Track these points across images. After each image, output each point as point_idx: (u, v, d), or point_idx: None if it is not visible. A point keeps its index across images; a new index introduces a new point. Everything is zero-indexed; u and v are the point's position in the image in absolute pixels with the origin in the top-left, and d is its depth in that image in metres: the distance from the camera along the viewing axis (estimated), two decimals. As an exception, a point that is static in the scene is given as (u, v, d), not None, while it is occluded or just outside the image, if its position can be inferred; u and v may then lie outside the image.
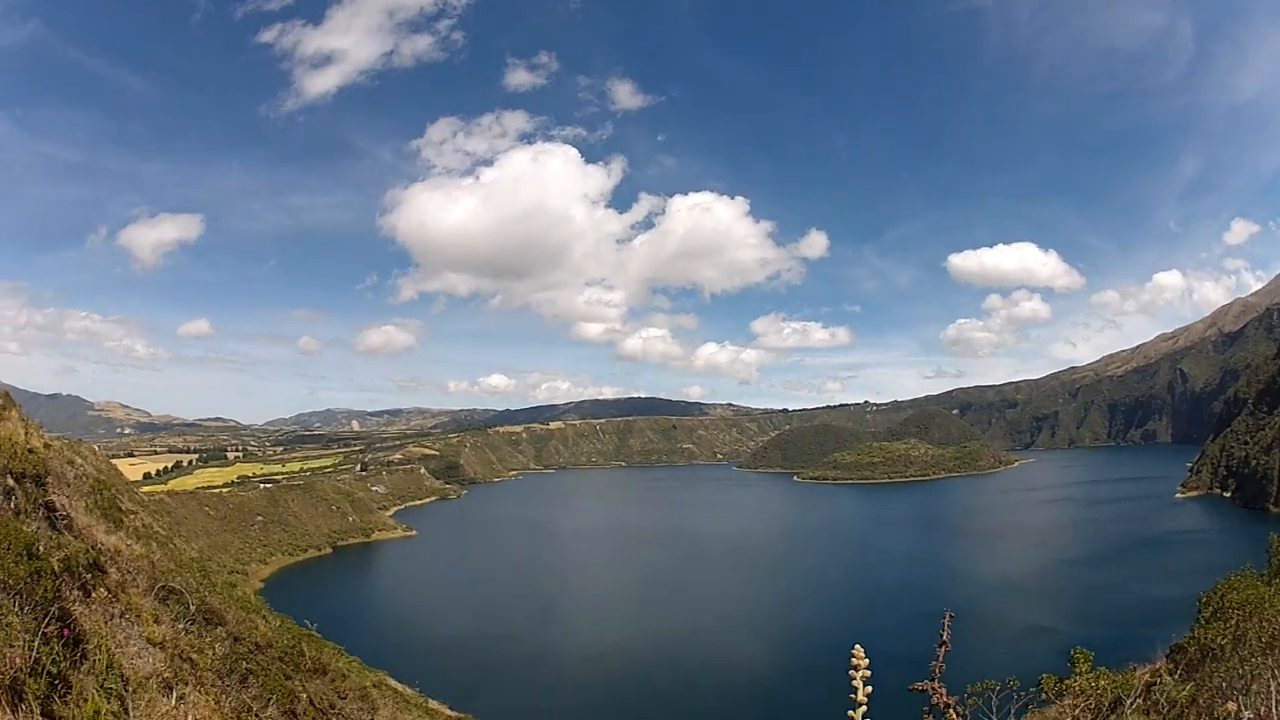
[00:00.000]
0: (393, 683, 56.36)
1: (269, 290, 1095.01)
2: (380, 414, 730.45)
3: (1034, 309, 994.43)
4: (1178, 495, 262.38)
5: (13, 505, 10.64)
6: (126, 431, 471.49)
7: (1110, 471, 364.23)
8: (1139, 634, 41.10)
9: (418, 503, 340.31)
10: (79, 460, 34.40)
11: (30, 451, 12.78)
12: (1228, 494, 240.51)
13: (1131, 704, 9.56)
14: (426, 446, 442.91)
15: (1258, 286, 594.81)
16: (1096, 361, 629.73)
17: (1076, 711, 10.38)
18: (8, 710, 5.33)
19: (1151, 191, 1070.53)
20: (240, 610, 26.96)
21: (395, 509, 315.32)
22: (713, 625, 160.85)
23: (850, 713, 7.14)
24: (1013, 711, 11.59)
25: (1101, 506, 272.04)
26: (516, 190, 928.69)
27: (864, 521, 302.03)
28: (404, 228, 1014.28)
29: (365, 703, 32.38)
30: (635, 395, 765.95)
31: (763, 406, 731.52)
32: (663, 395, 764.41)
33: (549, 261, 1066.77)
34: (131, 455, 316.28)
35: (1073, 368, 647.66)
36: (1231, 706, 7.65)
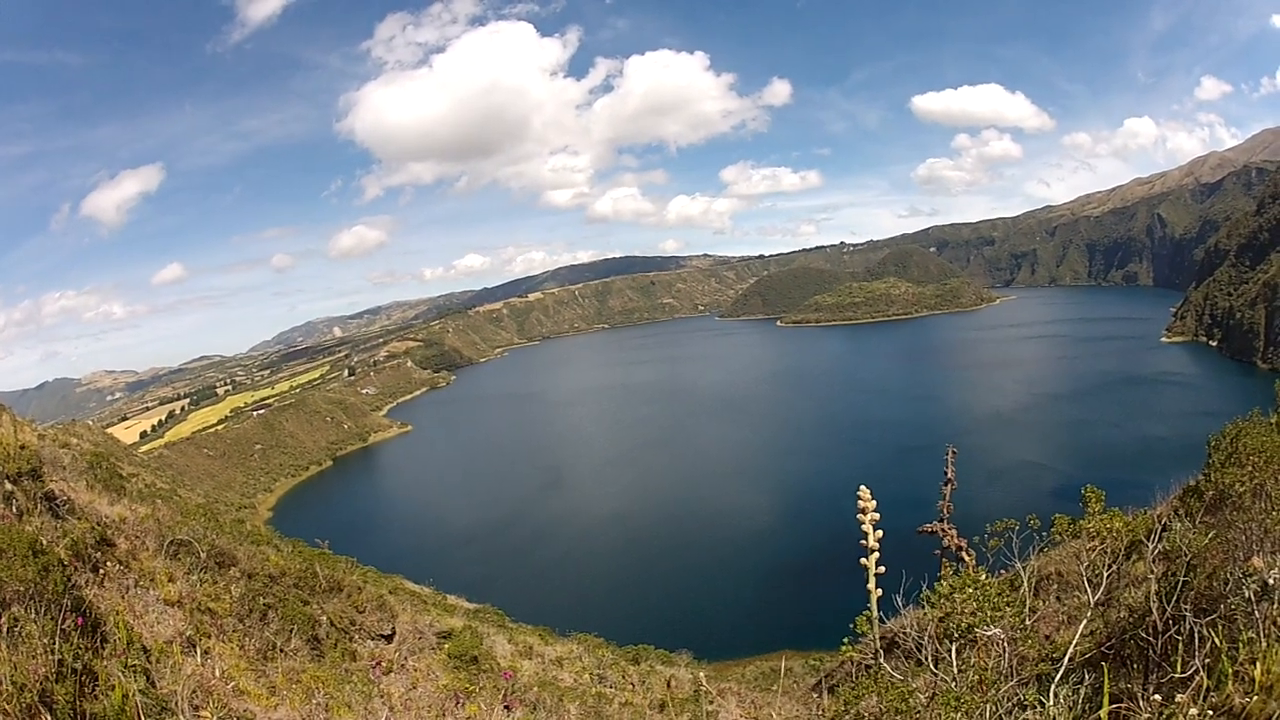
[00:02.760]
0: (409, 585, 57.28)
1: (236, 218, 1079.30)
2: (360, 315, 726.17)
3: (1005, 148, 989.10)
4: (1163, 339, 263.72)
5: (14, 508, 10.76)
6: (116, 396, 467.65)
7: (1093, 310, 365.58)
8: (1137, 476, 41.92)
9: (409, 397, 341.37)
10: (74, 441, 34.57)
11: (23, 448, 12.81)
12: (1213, 343, 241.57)
13: (1153, 550, 9.73)
14: (410, 339, 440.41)
15: (1233, 142, 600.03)
16: (1073, 201, 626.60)
17: (1093, 555, 10.47)
18: None
19: (1122, 40, 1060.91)
20: (250, 545, 27.40)
21: (388, 407, 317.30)
22: (712, 478, 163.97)
23: (863, 560, 7.37)
24: (1031, 551, 11.77)
25: (1088, 344, 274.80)
26: (472, 72, 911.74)
27: (851, 362, 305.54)
28: (361, 128, 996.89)
29: (385, 611, 33.17)
30: (611, 256, 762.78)
31: (739, 254, 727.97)
32: (638, 253, 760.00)
33: (511, 136, 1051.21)
34: (125, 419, 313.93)
35: (1049, 206, 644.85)
36: (1258, 562, 7.68)
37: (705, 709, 25.63)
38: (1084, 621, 9.25)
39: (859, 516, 7.47)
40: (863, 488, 7.41)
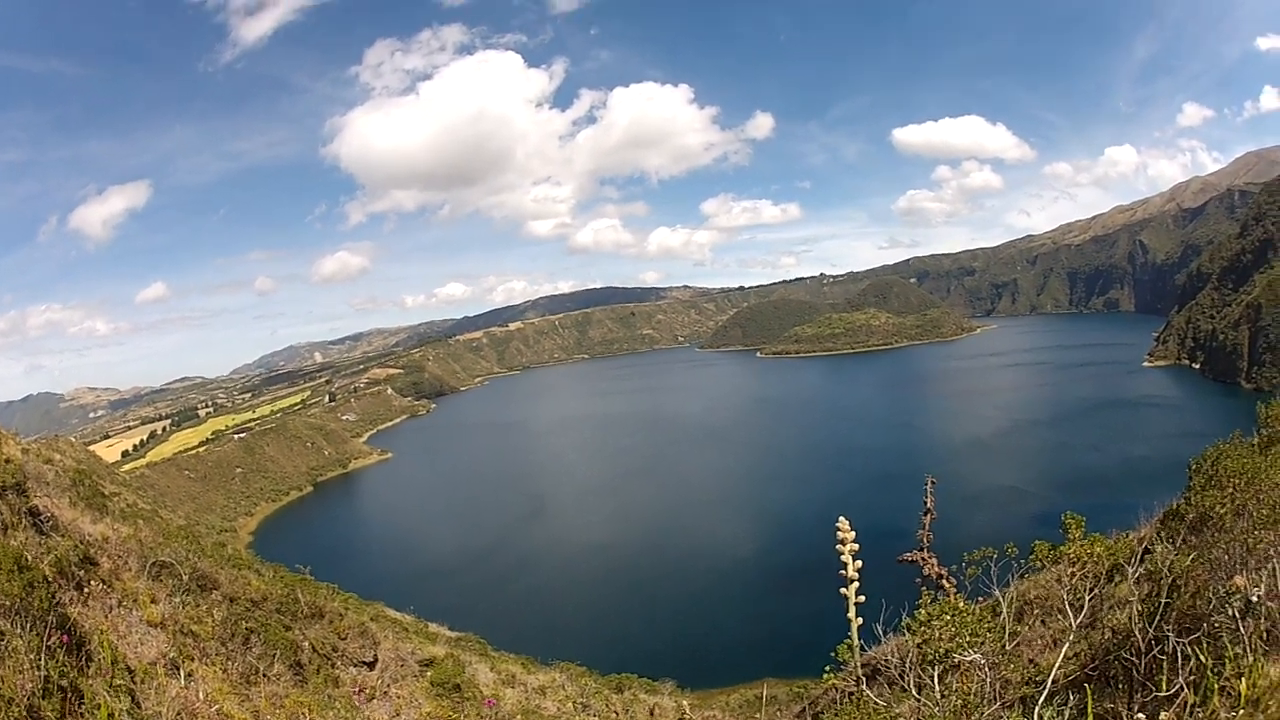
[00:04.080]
0: (390, 612, 56.95)
1: (221, 239, 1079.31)
2: (342, 341, 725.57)
3: (985, 179, 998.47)
4: (1145, 363, 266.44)
5: (1, 524, 10.63)
6: (99, 413, 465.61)
7: (1075, 338, 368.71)
8: (1120, 499, 41.96)
9: (389, 424, 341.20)
10: (57, 456, 34.18)
11: (8, 462, 12.66)
12: (1196, 365, 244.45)
13: (1134, 573, 9.74)
14: (391, 366, 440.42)
15: (1215, 167, 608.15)
16: (1054, 230, 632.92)
17: (1074, 580, 10.46)
18: None
19: (1104, 70, 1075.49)
20: (232, 569, 27.18)
21: (368, 434, 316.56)
22: (694, 507, 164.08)
23: (843, 590, 7.33)
24: (1011, 579, 11.75)
25: (1069, 371, 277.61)
26: (458, 101, 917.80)
27: (832, 392, 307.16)
28: (347, 154, 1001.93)
29: (366, 638, 32.76)
30: (591, 286, 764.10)
31: (720, 286, 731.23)
32: (618, 284, 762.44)
33: (494, 166, 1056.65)
34: (107, 437, 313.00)
35: (1030, 236, 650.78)
36: (1240, 581, 7.75)
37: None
38: (1066, 644, 9.29)
39: (838, 547, 7.49)
40: (842, 519, 7.43)
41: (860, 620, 7.51)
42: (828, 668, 10.24)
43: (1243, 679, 5.40)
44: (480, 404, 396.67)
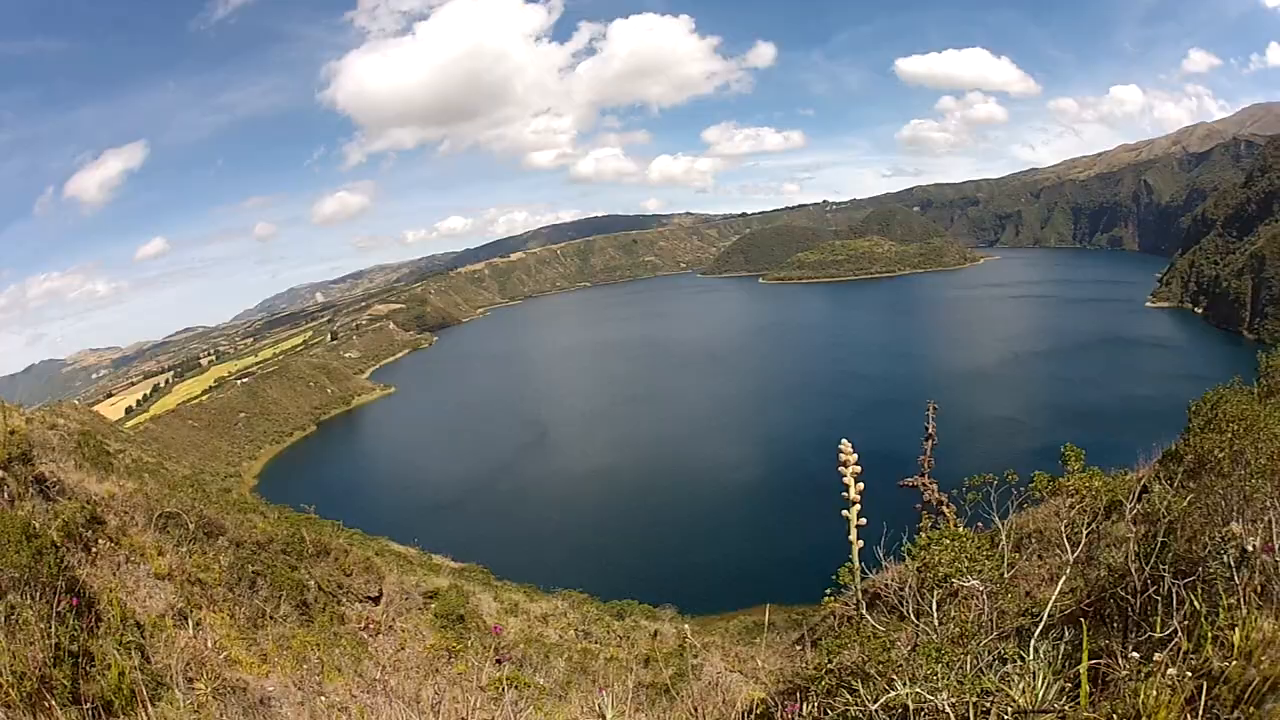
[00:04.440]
0: (395, 546, 57.53)
1: (218, 190, 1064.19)
2: (343, 279, 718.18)
3: (989, 111, 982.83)
4: (1148, 304, 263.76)
5: (6, 494, 10.90)
6: (102, 374, 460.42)
7: (1078, 273, 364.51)
8: (1121, 438, 42.09)
9: (392, 359, 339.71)
10: (61, 421, 34.34)
11: (12, 433, 12.90)
12: (1199, 310, 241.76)
13: (1131, 509, 9.81)
14: (392, 302, 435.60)
15: (1222, 115, 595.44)
16: (1058, 165, 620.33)
17: (1072, 513, 10.53)
18: (40, 707, 5.70)
19: (1110, 8, 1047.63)
20: (238, 514, 27.54)
21: (371, 370, 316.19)
22: (695, 433, 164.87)
23: (844, 512, 7.56)
24: (1010, 508, 11.87)
25: (1072, 306, 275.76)
26: (455, 38, 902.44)
27: (834, 319, 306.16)
28: (343, 97, 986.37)
29: (371, 573, 33.49)
30: (594, 215, 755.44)
31: (722, 213, 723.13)
32: (621, 212, 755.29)
33: (494, 100, 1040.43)
34: (110, 395, 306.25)
35: (1034, 169, 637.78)
36: (1236, 528, 7.64)
37: (690, 662, 26.08)
38: (1063, 579, 9.34)
39: (840, 469, 7.63)
40: (844, 441, 7.57)
41: (861, 543, 7.77)
42: (828, 590, 10.48)
43: (1236, 630, 5.59)
44: (482, 335, 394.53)
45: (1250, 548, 7.19)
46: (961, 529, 9.82)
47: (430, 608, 33.42)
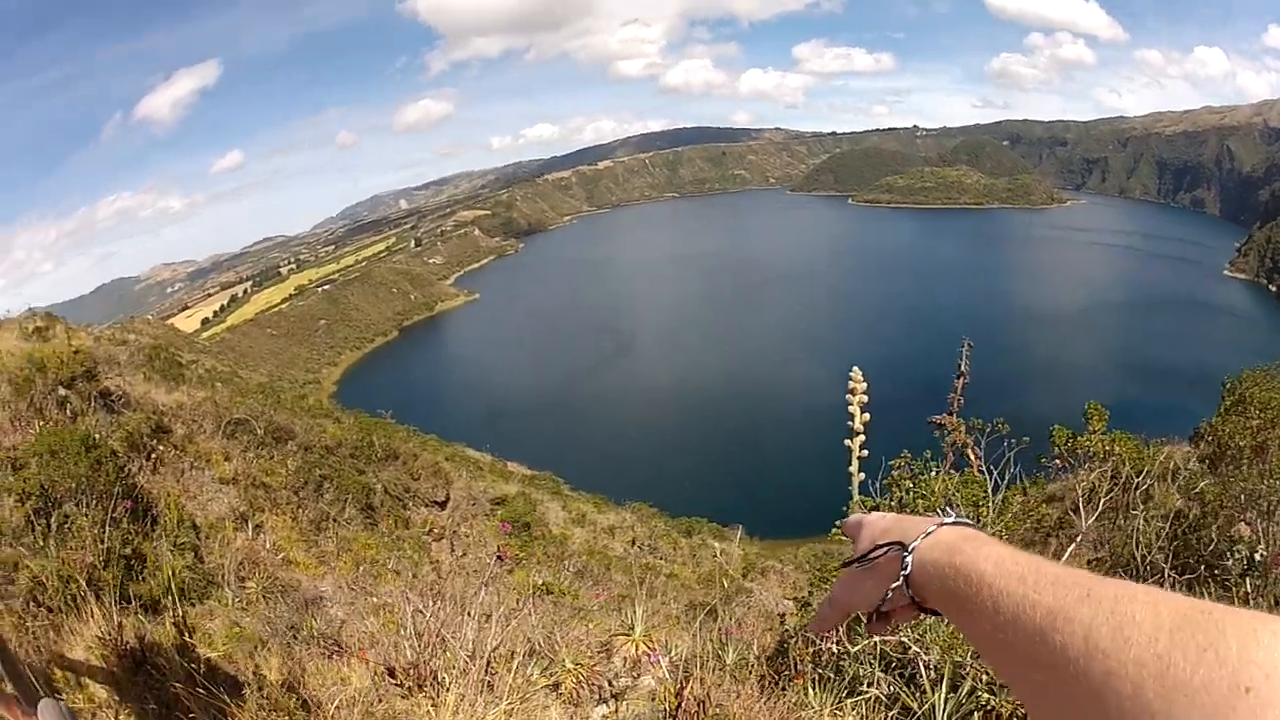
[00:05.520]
0: (469, 452, 57.63)
1: (297, 102, 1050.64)
2: (427, 186, 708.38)
3: (1078, 53, 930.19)
4: (1225, 271, 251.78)
5: (68, 411, 11.43)
6: (177, 288, 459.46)
7: (1160, 229, 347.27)
8: (1187, 403, 40.18)
9: (476, 265, 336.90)
10: (132, 337, 35.23)
11: (77, 352, 13.35)
12: (1274, 289, 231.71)
13: (1143, 485, 9.46)
14: (478, 208, 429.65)
15: None
16: (1145, 116, 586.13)
17: (1093, 476, 10.15)
18: (90, 607, 6.20)
19: None
20: (308, 419, 28.37)
21: (455, 276, 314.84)
22: (776, 353, 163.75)
23: (846, 441, 7.71)
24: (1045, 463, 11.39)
25: (1152, 260, 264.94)
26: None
27: (919, 247, 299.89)
28: (425, 7, 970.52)
29: (439, 479, 34.05)
30: (683, 126, 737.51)
31: (812, 130, 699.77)
32: (709, 124, 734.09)
33: (579, 9, 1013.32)
34: (185, 308, 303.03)
35: (1122, 117, 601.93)
36: (1245, 530, 7.56)
37: (743, 585, 26.47)
38: (1071, 548, 9.02)
39: (848, 397, 7.54)
40: (855, 369, 7.49)
41: (863, 476, 7.81)
42: (836, 524, 10.51)
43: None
44: (568, 242, 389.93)
45: (1259, 555, 7.08)
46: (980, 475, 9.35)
47: (496, 514, 33.98)
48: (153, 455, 12.13)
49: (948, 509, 1.51)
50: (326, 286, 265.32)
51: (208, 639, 6.99)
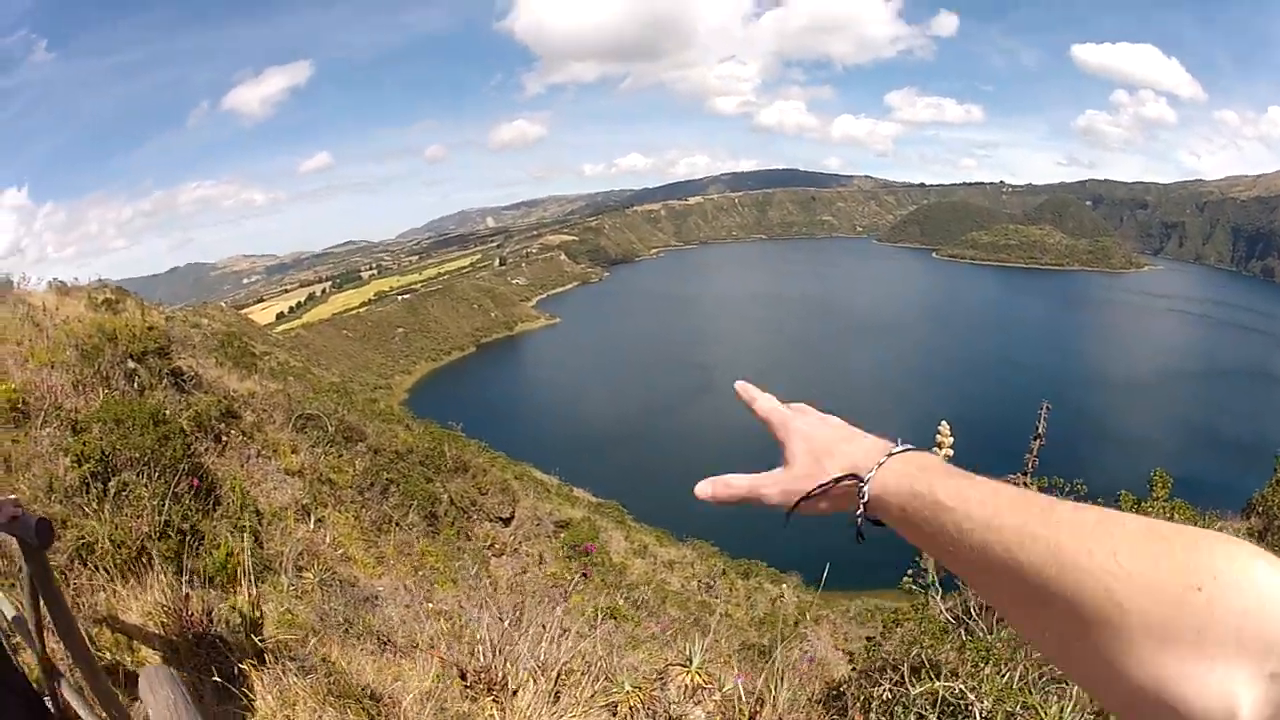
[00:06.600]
0: (536, 473, 57.69)
1: (388, 110, 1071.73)
2: (516, 206, 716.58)
3: (1160, 111, 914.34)
4: None
5: (136, 385, 11.48)
6: (254, 280, 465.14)
7: (1233, 297, 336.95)
8: (1235, 472, 38.81)
9: (559, 290, 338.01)
10: (204, 321, 36.05)
11: (150, 328, 13.48)
12: None
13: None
14: (565, 233, 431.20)
15: None
16: (1221, 180, 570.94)
17: None
18: (151, 575, 6.13)
19: (1271, 26, 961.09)
20: (380, 423, 28.55)
21: (537, 298, 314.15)
22: (852, 401, 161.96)
23: None
24: None
25: (1226, 330, 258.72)
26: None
27: (1002, 305, 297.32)
28: (521, 27, 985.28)
29: (506, 495, 34.05)
30: (774, 167, 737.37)
31: (901, 179, 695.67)
32: (800, 167, 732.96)
33: (677, 41, 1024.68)
34: (261, 300, 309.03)
35: (1200, 180, 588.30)
36: None
37: (795, 632, 25.97)
38: None
39: (934, 449, 7.29)
40: (943, 423, 7.36)
41: None
42: (908, 574, 10.30)
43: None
44: (655, 274, 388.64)
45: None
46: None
47: (559, 537, 33.91)
48: (221, 438, 12.16)
49: (896, 438, 1.55)
50: (407, 295, 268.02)
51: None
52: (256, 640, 5.75)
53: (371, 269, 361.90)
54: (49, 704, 4.65)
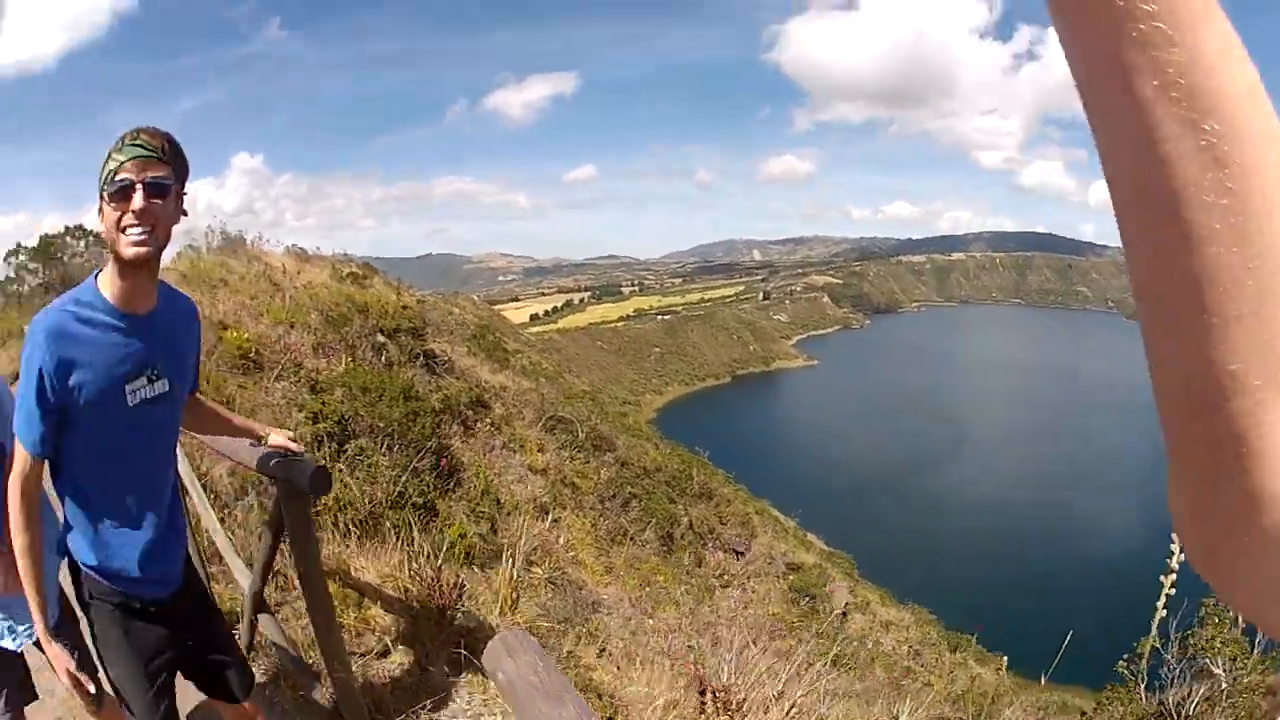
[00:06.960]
0: (775, 512, 57.36)
1: (655, 131, 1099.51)
2: (783, 242, 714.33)
3: None
4: None
5: (384, 359, 11.83)
6: (510, 278, 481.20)
7: None
8: None
9: (820, 332, 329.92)
10: (456, 310, 37.41)
11: (404, 307, 13.92)
12: None
13: None
14: (830, 274, 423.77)
15: None
16: None
17: None
18: (373, 539, 6.15)
19: None
20: (630, 437, 28.81)
21: (797, 337, 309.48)
22: (1097, 486, 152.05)
23: (1161, 576, 6.73)
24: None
25: None
26: (897, 21, 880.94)
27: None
28: (788, 61, 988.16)
29: (745, 529, 33.76)
30: (1034, 230, 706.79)
31: None
32: (1058, 231, 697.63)
33: (939, 90, 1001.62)
34: (515, 299, 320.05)
35: None
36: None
37: (991, 711, 24.15)
38: None
39: (1174, 534, 6.44)
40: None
41: (1164, 612, 7.04)
42: (1124, 658, 9.43)
43: None
44: (916, 327, 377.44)
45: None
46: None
47: (787, 579, 33.20)
48: (469, 425, 12.34)
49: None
50: (666, 316, 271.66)
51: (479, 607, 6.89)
52: (509, 626, 5.75)
53: (633, 285, 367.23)
54: (242, 637, 4.64)
